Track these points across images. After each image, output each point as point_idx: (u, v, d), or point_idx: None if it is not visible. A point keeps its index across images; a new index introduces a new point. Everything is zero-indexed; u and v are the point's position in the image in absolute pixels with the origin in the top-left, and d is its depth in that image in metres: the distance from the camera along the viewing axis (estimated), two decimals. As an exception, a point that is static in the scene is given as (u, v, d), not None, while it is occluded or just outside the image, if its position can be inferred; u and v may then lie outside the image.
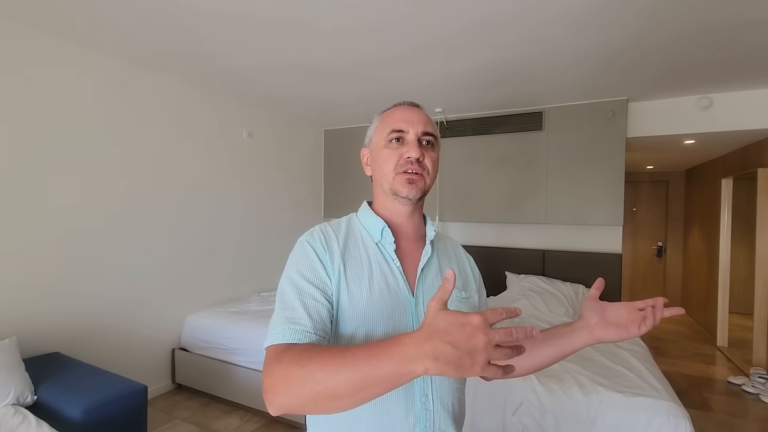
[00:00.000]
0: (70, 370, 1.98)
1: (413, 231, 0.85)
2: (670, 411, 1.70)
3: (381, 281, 0.76)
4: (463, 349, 0.48)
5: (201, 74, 2.83)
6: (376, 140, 0.83)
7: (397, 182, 0.79)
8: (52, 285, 2.27)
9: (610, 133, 3.29)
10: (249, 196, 3.58)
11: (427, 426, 0.72)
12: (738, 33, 2.12)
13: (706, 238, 4.76)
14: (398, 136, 0.79)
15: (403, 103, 0.84)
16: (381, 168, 0.81)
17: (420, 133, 0.79)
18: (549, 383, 1.94)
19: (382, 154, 0.81)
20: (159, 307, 2.86)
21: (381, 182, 0.82)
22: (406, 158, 0.78)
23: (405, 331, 0.68)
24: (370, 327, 0.72)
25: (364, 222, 0.84)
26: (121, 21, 2.06)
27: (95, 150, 2.46)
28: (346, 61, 2.58)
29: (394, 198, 0.80)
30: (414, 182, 0.78)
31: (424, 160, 0.79)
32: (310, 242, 0.77)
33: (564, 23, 2.04)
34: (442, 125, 3.90)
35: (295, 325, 0.66)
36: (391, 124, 0.80)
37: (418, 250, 0.83)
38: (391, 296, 0.75)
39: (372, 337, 0.71)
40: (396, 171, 0.79)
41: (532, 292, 3.28)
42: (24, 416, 1.58)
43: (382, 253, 0.79)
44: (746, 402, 2.97)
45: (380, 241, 0.80)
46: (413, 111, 0.82)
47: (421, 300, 0.77)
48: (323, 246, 0.76)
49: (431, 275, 0.81)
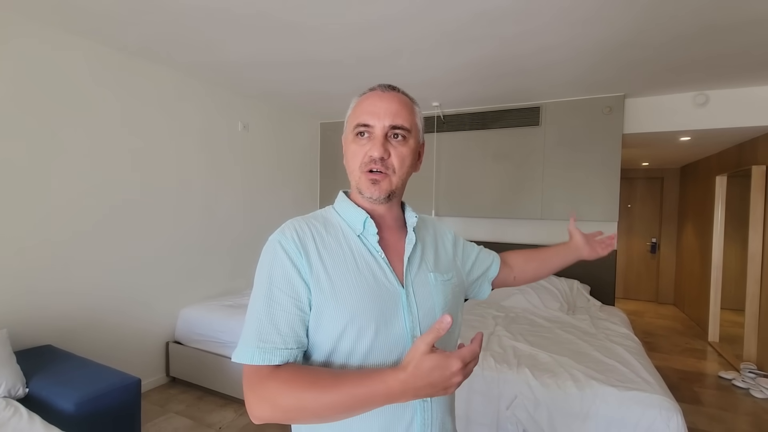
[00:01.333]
0: (63, 363, 1.96)
1: (394, 221, 0.81)
2: (662, 405, 1.72)
3: (368, 275, 0.72)
4: (440, 387, 0.58)
5: (194, 65, 2.79)
6: (346, 131, 0.78)
7: (362, 182, 0.74)
8: (44, 277, 2.24)
9: (606, 128, 3.30)
10: (244, 189, 3.56)
11: (425, 418, 0.71)
12: (736, 30, 2.12)
13: (700, 234, 4.80)
14: (363, 131, 0.74)
15: (378, 87, 0.77)
16: (348, 164, 0.77)
17: (387, 128, 0.73)
18: (543, 377, 1.95)
19: (349, 149, 0.76)
20: (153, 300, 2.84)
21: (351, 178, 0.78)
22: (369, 157, 0.73)
23: (397, 326, 0.70)
24: (360, 323, 0.68)
25: (343, 213, 0.79)
26: (110, 8, 2.02)
27: (86, 143, 2.42)
28: (343, 55, 2.55)
29: (361, 196, 0.76)
30: (377, 183, 0.73)
31: (389, 159, 0.73)
32: (282, 243, 0.70)
33: (562, 18, 2.03)
34: (439, 120, 3.89)
35: (264, 343, 0.64)
36: (358, 116, 0.74)
37: (400, 239, 0.80)
38: (380, 289, 0.71)
39: (364, 334, 0.68)
40: (361, 170, 0.74)
41: (528, 287, 3.29)
42: (15, 409, 1.57)
43: (365, 246, 0.75)
44: (736, 396, 3.01)
45: (363, 233, 0.76)
46: (383, 99, 0.74)
47: (411, 291, 0.74)
48: (297, 246, 0.70)
49: (416, 264, 0.78)
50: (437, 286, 0.78)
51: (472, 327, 2.68)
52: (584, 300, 3.27)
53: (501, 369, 2.04)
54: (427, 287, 0.77)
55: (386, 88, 0.77)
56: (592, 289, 3.42)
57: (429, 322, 0.74)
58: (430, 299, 0.76)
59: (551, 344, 2.36)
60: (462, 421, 2.02)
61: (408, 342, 0.71)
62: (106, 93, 2.51)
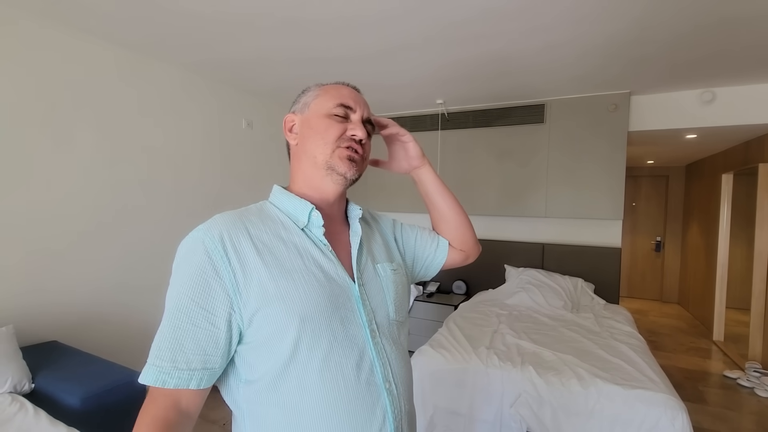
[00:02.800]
0: (69, 359, 1.97)
1: (339, 214, 0.79)
2: (667, 403, 1.71)
3: (316, 270, 0.66)
4: None
5: (197, 63, 2.79)
6: (315, 108, 0.74)
7: (336, 156, 0.70)
8: (50, 274, 2.25)
9: (611, 126, 3.28)
10: (248, 186, 3.56)
11: (395, 413, 0.67)
12: (744, 26, 2.09)
13: (705, 233, 4.77)
14: (345, 113, 0.72)
15: (348, 85, 0.78)
16: (319, 137, 0.71)
17: (365, 117, 0.75)
18: (547, 375, 1.94)
19: (323, 122, 0.72)
20: (157, 296, 2.84)
21: (314, 153, 0.71)
22: (351, 135, 0.72)
23: (353, 323, 0.67)
24: (315, 324, 0.62)
25: (283, 206, 0.73)
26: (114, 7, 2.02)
27: (91, 142, 2.43)
28: (345, 52, 2.54)
29: (328, 173, 0.71)
30: (354, 161, 0.72)
31: (365, 145, 0.74)
32: (205, 243, 0.62)
33: (567, 14, 2.02)
34: (443, 117, 3.88)
35: (160, 361, 0.58)
36: (339, 98, 0.73)
37: (344, 232, 0.77)
38: (331, 285, 0.67)
39: (320, 336, 0.63)
40: (337, 144, 0.71)
41: (531, 285, 3.28)
42: (21, 404, 1.58)
43: (310, 239, 0.70)
44: (741, 395, 2.99)
45: (307, 226, 0.71)
46: (359, 95, 0.77)
47: (362, 284, 0.72)
48: (223, 247, 0.62)
49: (364, 256, 0.76)
50: (386, 276, 0.77)
51: (475, 325, 2.67)
52: (588, 298, 3.26)
53: (505, 367, 2.03)
54: (377, 279, 0.75)
55: (354, 87, 0.78)
56: (596, 287, 3.40)
57: (383, 314, 0.73)
58: (381, 291, 0.74)
59: (555, 342, 2.36)
60: (465, 419, 2.02)
61: (366, 337, 0.68)
62: (111, 91, 2.51)
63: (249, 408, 0.65)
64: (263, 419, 0.64)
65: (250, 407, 0.65)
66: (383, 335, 0.71)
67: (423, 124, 4.00)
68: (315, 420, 0.62)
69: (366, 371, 0.66)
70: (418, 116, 4.03)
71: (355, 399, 0.64)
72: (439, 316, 3.50)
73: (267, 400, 0.63)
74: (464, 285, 3.89)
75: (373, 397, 0.65)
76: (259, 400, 0.64)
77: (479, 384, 2.03)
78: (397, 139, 0.89)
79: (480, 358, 2.12)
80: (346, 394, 0.63)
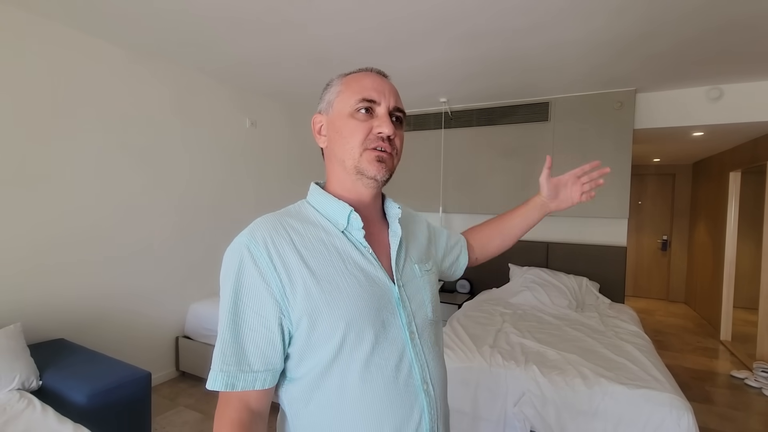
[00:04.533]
0: (75, 356, 2.00)
1: (377, 212, 0.77)
2: (672, 403, 1.70)
3: (359, 273, 0.66)
4: None
5: (202, 63, 2.81)
6: (338, 107, 0.70)
7: (364, 160, 0.68)
8: (57, 273, 2.28)
9: (617, 124, 3.25)
10: (253, 186, 3.58)
11: (432, 413, 0.68)
12: (752, 22, 2.07)
13: (712, 231, 4.72)
14: (368, 107, 0.68)
15: (371, 70, 0.73)
16: (345, 141, 0.68)
17: (392, 107, 0.70)
18: (551, 374, 1.94)
19: (347, 124, 0.68)
20: (163, 295, 2.87)
21: (342, 158, 0.69)
22: (377, 134, 0.68)
23: (394, 325, 0.68)
24: (359, 327, 0.63)
25: (322, 209, 0.71)
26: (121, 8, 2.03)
27: (97, 141, 2.45)
28: (348, 51, 2.54)
29: (358, 178, 0.69)
30: (384, 161, 0.69)
31: (395, 139, 0.70)
32: (251, 249, 0.63)
33: (572, 11, 2.00)
34: (447, 116, 3.87)
35: (227, 366, 0.61)
36: (361, 92, 0.68)
37: (382, 232, 0.75)
38: (373, 288, 0.66)
39: (363, 338, 0.63)
40: (364, 146, 0.68)
41: (536, 284, 3.26)
42: (29, 401, 1.60)
43: (351, 242, 0.69)
44: (749, 396, 2.96)
45: (346, 228, 0.69)
46: (384, 81, 0.71)
47: (402, 285, 0.71)
48: (269, 253, 0.63)
49: (403, 257, 0.75)
50: (423, 277, 0.76)
51: (479, 324, 2.67)
52: (593, 297, 3.24)
53: (509, 366, 2.03)
54: (415, 280, 0.74)
55: (380, 72, 0.74)
56: (601, 286, 3.38)
57: (422, 315, 0.72)
58: (420, 292, 0.74)
59: (559, 341, 2.35)
60: (469, 418, 2.02)
61: (406, 339, 0.68)
62: (116, 90, 2.53)
63: (291, 406, 0.67)
64: (304, 417, 0.66)
65: (291, 405, 0.67)
66: (422, 336, 0.71)
67: (427, 122, 4.00)
68: (354, 418, 0.63)
69: (405, 372, 0.66)
70: (421, 115, 4.03)
71: (394, 399, 0.64)
72: (443, 315, 3.49)
73: (309, 398, 0.65)
74: (468, 284, 3.88)
75: (411, 398, 0.66)
76: (302, 397, 0.65)
77: (483, 383, 2.02)
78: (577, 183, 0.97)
79: (484, 357, 2.12)
80: (386, 394, 0.64)
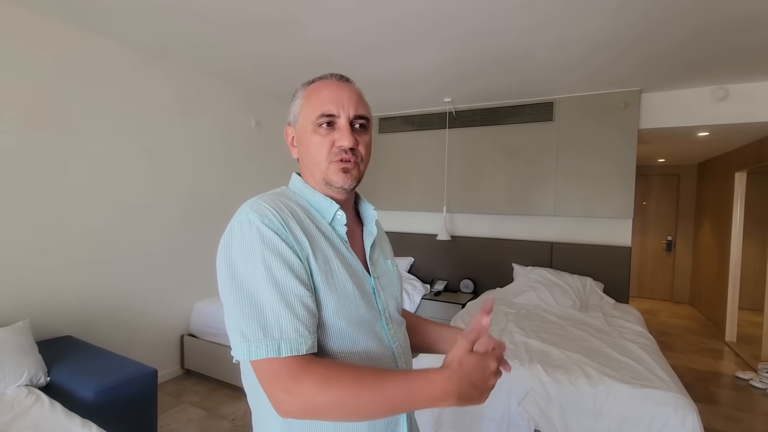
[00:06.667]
0: (83, 353, 2.02)
1: (350, 211, 0.81)
2: (677, 403, 1.70)
3: (345, 264, 0.71)
4: (479, 389, 0.61)
5: (207, 63, 2.83)
6: (302, 121, 0.74)
7: (331, 172, 0.71)
8: (64, 271, 2.30)
9: (622, 124, 3.24)
10: (258, 185, 3.59)
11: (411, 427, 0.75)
12: (758, 21, 2.06)
13: (717, 232, 4.70)
14: (328, 121, 0.71)
15: (331, 77, 0.75)
16: (311, 156, 0.72)
17: (352, 117, 0.72)
18: (555, 373, 1.94)
19: (311, 140, 0.72)
20: (168, 294, 2.89)
21: (311, 170, 0.74)
22: (339, 147, 0.71)
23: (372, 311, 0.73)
24: (350, 311, 0.67)
25: (310, 199, 0.75)
26: (127, 7, 2.05)
27: (103, 141, 2.47)
28: (350, 50, 2.55)
29: (328, 187, 0.73)
30: (348, 171, 0.72)
31: (357, 147, 0.72)
32: (266, 223, 0.64)
33: (576, 10, 2.00)
34: (451, 115, 3.87)
35: (285, 333, 0.59)
36: (319, 107, 0.71)
37: (356, 226, 0.81)
38: (355, 279, 0.71)
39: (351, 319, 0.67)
40: (329, 160, 0.71)
41: (539, 284, 3.26)
42: (37, 396, 1.62)
43: (337, 235, 0.74)
44: (753, 397, 2.95)
45: (332, 222, 0.74)
46: (343, 88, 0.73)
47: (377, 277, 0.77)
48: (281, 223, 0.65)
49: (376, 253, 0.81)
50: (393, 272, 0.83)
51: (484, 323, 2.66)
52: (597, 297, 3.23)
53: (512, 365, 2.03)
54: (387, 275, 0.81)
55: (340, 78, 0.75)
56: (605, 286, 3.38)
57: (393, 305, 0.78)
58: (392, 285, 0.80)
59: (563, 341, 2.34)
60: (472, 416, 2.02)
61: (383, 324, 0.74)
62: (123, 91, 2.55)
63: None
64: None
65: None
66: (394, 323, 0.78)
67: (431, 122, 4.00)
68: None
69: (387, 356, 0.73)
70: (425, 115, 4.03)
71: None
72: (446, 314, 3.50)
73: None
74: (472, 284, 3.88)
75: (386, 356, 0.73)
76: None
77: (487, 382, 2.02)
78: None
79: (488, 356, 2.11)
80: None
